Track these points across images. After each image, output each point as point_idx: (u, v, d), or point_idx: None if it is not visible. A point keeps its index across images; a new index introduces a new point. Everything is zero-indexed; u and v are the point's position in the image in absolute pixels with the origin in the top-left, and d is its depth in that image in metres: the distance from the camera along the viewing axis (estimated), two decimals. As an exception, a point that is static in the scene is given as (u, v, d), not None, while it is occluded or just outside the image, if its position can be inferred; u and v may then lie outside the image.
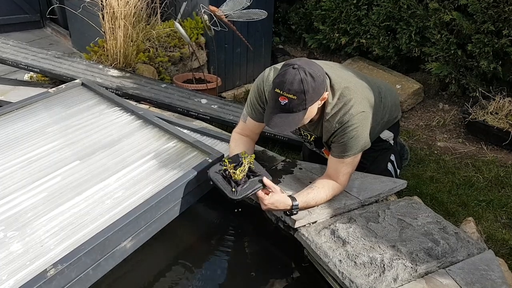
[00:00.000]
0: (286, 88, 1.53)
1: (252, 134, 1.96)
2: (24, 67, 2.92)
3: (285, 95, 1.54)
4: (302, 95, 1.53)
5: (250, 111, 1.89)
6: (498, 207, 2.39)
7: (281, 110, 1.57)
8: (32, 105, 2.36)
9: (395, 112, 2.13)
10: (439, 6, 3.22)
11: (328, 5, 4.01)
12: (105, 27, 3.10)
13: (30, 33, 5.21)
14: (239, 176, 1.66)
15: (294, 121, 1.58)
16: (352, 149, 1.72)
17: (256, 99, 1.85)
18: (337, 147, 1.74)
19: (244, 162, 1.69)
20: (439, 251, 1.54)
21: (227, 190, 1.65)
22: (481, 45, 3.07)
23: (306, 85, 1.53)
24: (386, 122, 2.05)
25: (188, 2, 3.73)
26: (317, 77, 1.56)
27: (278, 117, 1.58)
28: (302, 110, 1.57)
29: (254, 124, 1.91)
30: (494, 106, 3.05)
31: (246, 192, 1.65)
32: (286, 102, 1.54)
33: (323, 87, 1.61)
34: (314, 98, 1.58)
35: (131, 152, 2.02)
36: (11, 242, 1.49)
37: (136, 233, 1.62)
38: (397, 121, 2.20)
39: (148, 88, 3.01)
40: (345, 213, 1.78)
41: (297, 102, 1.54)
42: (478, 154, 2.94)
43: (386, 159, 2.21)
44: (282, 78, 1.55)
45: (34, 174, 1.83)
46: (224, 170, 1.71)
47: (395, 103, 2.13)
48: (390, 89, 2.14)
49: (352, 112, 1.67)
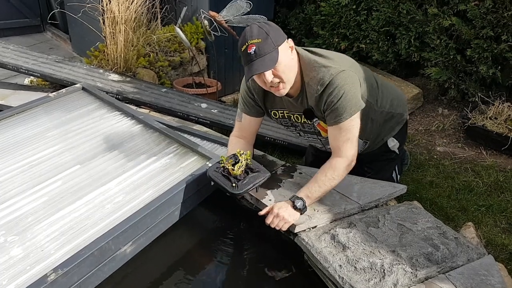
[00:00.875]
0: (248, 37, 1.58)
1: (249, 135, 1.97)
2: (25, 71, 2.93)
3: (250, 43, 1.57)
4: (265, 34, 1.57)
5: (243, 107, 1.92)
6: (498, 212, 2.39)
7: (256, 57, 1.57)
8: (32, 109, 2.36)
9: (399, 107, 2.08)
10: (438, 11, 3.24)
11: (327, 10, 4.02)
12: (106, 32, 3.11)
13: (30, 37, 5.23)
14: (237, 172, 1.68)
15: (271, 60, 1.58)
16: (344, 110, 1.68)
17: (246, 92, 1.89)
18: (330, 114, 1.71)
19: (241, 159, 1.70)
20: (439, 256, 1.54)
21: (227, 186, 1.67)
22: (480, 50, 3.08)
23: (264, 28, 1.59)
24: (389, 115, 2.02)
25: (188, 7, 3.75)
26: (271, 23, 1.64)
27: (255, 64, 1.58)
28: (274, 50, 1.58)
29: (250, 120, 1.93)
30: (494, 111, 3.06)
31: (248, 186, 1.67)
32: (254, 48, 1.56)
33: (282, 33, 1.64)
34: (279, 39, 1.60)
35: (131, 156, 2.02)
36: (11, 246, 1.49)
37: (136, 238, 1.62)
38: (404, 124, 2.16)
39: (149, 93, 3.02)
40: (345, 218, 1.78)
41: (264, 43, 1.56)
42: (478, 159, 2.95)
43: (391, 169, 2.21)
44: (242, 36, 1.62)
45: (34, 179, 1.83)
46: (222, 168, 1.72)
47: (397, 97, 2.09)
48: (392, 85, 2.13)
49: (332, 72, 1.67)
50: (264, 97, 1.88)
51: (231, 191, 1.66)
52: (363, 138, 2.00)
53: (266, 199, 1.82)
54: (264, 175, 1.73)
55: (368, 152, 2.13)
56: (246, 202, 1.92)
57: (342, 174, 1.75)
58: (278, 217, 1.66)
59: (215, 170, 1.74)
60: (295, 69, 1.69)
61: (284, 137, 2.97)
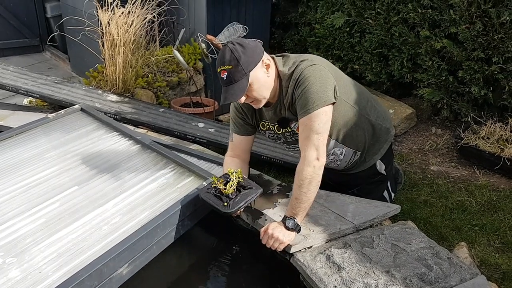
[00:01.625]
0: (221, 63, 1.66)
1: (242, 154, 2.00)
2: (24, 92, 2.97)
3: (223, 69, 1.65)
4: (235, 61, 1.63)
5: (233, 127, 1.97)
6: (491, 232, 2.42)
7: (227, 83, 1.66)
8: (31, 130, 2.39)
9: (386, 121, 2.07)
10: (430, 34, 3.32)
11: (322, 32, 4.11)
12: (105, 53, 3.16)
13: (29, 57, 5.29)
14: (229, 190, 1.70)
15: (240, 89, 1.66)
16: (310, 99, 1.66)
17: (234, 113, 1.95)
18: (299, 105, 1.71)
19: (232, 177, 1.72)
20: (432, 277, 1.56)
21: (219, 205, 1.69)
22: (471, 71, 3.15)
23: (236, 53, 1.64)
24: (377, 126, 2.01)
25: (186, 29, 3.83)
26: (246, 44, 1.68)
27: (226, 91, 1.67)
28: (244, 77, 1.65)
29: (241, 139, 1.96)
30: (486, 131, 3.11)
31: (240, 204, 1.68)
32: (226, 74, 1.64)
33: (258, 52, 1.69)
34: (251, 63, 1.65)
35: (128, 177, 2.04)
36: (9, 268, 1.50)
37: (133, 259, 1.63)
38: (390, 145, 2.17)
39: (146, 113, 3.06)
40: (340, 238, 1.80)
41: (235, 70, 1.63)
42: (471, 178, 2.99)
43: (380, 191, 2.22)
44: (218, 57, 1.70)
45: (32, 200, 1.85)
46: (214, 189, 1.74)
47: (385, 112, 2.10)
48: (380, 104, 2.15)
49: (302, 67, 1.72)
50: (253, 112, 1.93)
51: (223, 211, 1.68)
52: (352, 147, 2.00)
53: (262, 219, 1.84)
54: (255, 191, 1.75)
55: (357, 174, 2.15)
56: (242, 222, 1.94)
57: (312, 180, 1.68)
58: (272, 238, 1.67)
59: (206, 191, 1.77)
60: (270, 85, 1.75)
61: (280, 156, 3.01)
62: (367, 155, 2.08)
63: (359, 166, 2.11)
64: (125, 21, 3.10)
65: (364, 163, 2.10)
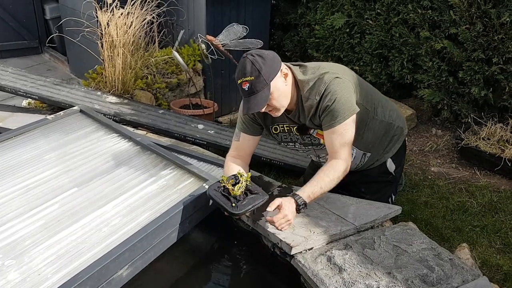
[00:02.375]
0: (242, 74, 1.70)
1: (245, 155, 2.00)
2: (23, 94, 2.96)
3: (244, 80, 1.69)
4: (257, 73, 1.67)
5: (241, 126, 1.97)
6: (492, 232, 2.41)
7: (248, 94, 1.70)
8: (30, 132, 2.38)
9: (398, 120, 2.12)
10: (430, 34, 3.31)
11: (321, 33, 4.11)
12: (104, 55, 3.16)
13: (28, 58, 5.27)
14: (237, 192, 1.70)
15: (263, 98, 1.70)
16: (339, 114, 1.76)
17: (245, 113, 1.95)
18: (325, 118, 1.79)
19: (241, 179, 1.73)
20: (434, 278, 1.55)
21: (227, 205, 1.68)
22: (472, 72, 3.15)
23: (257, 64, 1.68)
24: (389, 126, 2.05)
25: (185, 30, 3.83)
26: (266, 55, 1.72)
27: (248, 101, 1.72)
28: (266, 87, 1.69)
29: (248, 139, 1.97)
30: (486, 132, 3.11)
31: (247, 207, 1.68)
32: (248, 85, 1.69)
33: (277, 62, 1.74)
34: (271, 73, 1.70)
35: (128, 178, 2.03)
36: (8, 270, 1.49)
37: (133, 261, 1.62)
38: (403, 143, 2.19)
39: (146, 114, 3.05)
40: (341, 239, 1.79)
41: (257, 81, 1.68)
42: (472, 179, 2.98)
43: (388, 193, 2.22)
44: (238, 69, 1.73)
45: (31, 202, 1.83)
46: (223, 188, 1.74)
47: (396, 111, 2.14)
48: (390, 101, 2.19)
49: (325, 80, 1.77)
50: (264, 116, 1.94)
51: (230, 211, 1.67)
52: (362, 149, 2.04)
53: (262, 221, 1.83)
54: (262, 197, 1.75)
55: (366, 172, 2.15)
56: (242, 224, 1.93)
57: (340, 177, 1.79)
58: (284, 218, 1.67)
59: (215, 189, 1.76)
60: (289, 94, 1.80)
61: (280, 158, 3.00)
62: (378, 154, 2.11)
63: (369, 163, 2.14)
64: (124, 22, 3.09)
65: (375, 161, 2.13)
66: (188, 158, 2.30)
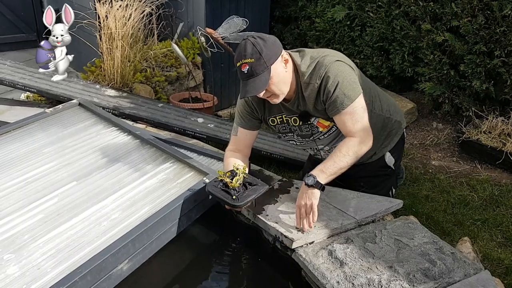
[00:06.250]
0: (242, 56, 1.64)
1: (244, 148, 1.98)
2: (21, 87, 2.94)
3: (244, 62, 1.64)
4: (258, 55, 1.62)
5: (239, 120, 1.94)
6: (493, 226, 2.41)
7: (248, 77, 1.65)
8: (28, 125, 2.36)
9: (396, 114, 2.10)
10: (431, 27, 3.29)
11: (322, 26, 4.08)
12: (103, 47, 3.13)
13: (26, 52, 5.23)
14: (236, 184, 1.69)
15: (262, 82, 1.65)
16: (345, 96, 1.72)
17: (243, 106, 1.93)
18: (332, 104, 1.75)
19: (238, 172, 1.72)
20: (436, 272, 1.54)
21: (228, 199, 1.68)
22: (473, 65, 3.13)
23: (258, 46, 1.63)
24: (387, 120, 2.03)
25: (184, 23, 3.79)
26: (267, 38, 1.67)
27: (246, 84, 1.66)
28: (266, 70, 1.65)
29: (246, 133, 1.95)
30: (487, 126, 3.09)
31: (249, 198, 1.68)
32: (247, 68, 1.63)
33: (278, 46, 1.70)
34: (272, 56, 1.65)
35: (128, 172, 2.02)
36: (7, 265, 1.48)
37: (133, 255, 1.61)
38: (401, 137, 2.17)
39: (145, 108, 3.03)
40: (342, 233, 1.78)
41: (257, 63, 1.63)
42: (473, 173, 2.97)
43: (386, 186, 2.20)
44: (237, 51, 1.67)
45: (30, 196, 1.82)
46: (221, 182, 1.73)
47: (394, 105, 2.12)
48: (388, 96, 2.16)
49: (326, 63, 1.73)
50: (263, 105, 1.92)
51: (232, 203, 1.67)
52: None
53: (263, 214, 1.82)
54: (263, 187, 1.75)
55: (365, 166, 2.14)
56: (243, 218, 1.92)
57: (356, 151, 1.75)
58: (302, 209, 1.68)
59: (213, 185, 1.76)
60: (289, 80, 1.76)
61: (281, 151, 2.99)
62: (376, 147, 2.08)
63: (367, 157, 2.10)
64: (123, 14, 3.07)
65: (374, 155, 2.10)
66: (188, 152, 2.28)
